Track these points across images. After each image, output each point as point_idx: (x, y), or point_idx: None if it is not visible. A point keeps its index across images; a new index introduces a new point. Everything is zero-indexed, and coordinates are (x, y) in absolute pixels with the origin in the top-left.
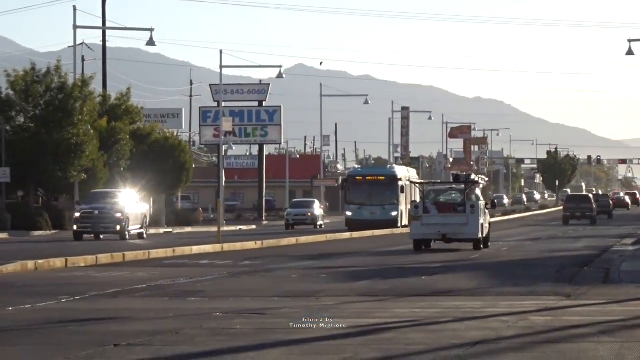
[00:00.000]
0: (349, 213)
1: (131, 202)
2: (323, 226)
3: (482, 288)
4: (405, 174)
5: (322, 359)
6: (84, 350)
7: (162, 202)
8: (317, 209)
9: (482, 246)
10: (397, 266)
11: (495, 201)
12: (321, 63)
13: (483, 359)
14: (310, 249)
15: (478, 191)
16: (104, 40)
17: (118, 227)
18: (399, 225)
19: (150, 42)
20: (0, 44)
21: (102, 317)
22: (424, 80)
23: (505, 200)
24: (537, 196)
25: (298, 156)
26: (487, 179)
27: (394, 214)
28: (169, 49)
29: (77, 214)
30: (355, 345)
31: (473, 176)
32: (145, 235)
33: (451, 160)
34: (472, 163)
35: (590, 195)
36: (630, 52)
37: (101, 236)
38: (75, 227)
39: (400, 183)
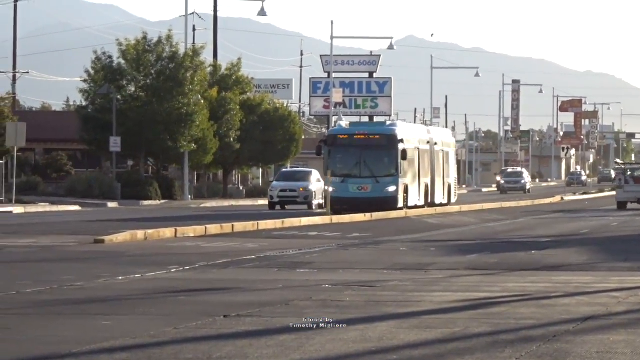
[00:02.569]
0: (331, 189)
1: None
2: (323, 206)
3: (592, 263)
4: (415, 134)
5: (432, 333)
6: (194, 320)
7: (271, 172)
8: (314, 182)
9: None
10: (505, 240)
11: None
12: (432, 35)
13: (593, 334)
14: (419, 222)
15: None
16: (215, 10)
17: None
18: (400, 205)
19: (262, 12)
20: (112, 13)
21: (211, 287)
22: (535, 54)
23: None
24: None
25: None
26: None
27: (391, 189)
28: (280, 19)
29: None
30: (465, 319)
31: None
32: None
33: (561, 134)
34: (582, 137)
35: None
36: None
37: None
38: None
39: (401, 146)
